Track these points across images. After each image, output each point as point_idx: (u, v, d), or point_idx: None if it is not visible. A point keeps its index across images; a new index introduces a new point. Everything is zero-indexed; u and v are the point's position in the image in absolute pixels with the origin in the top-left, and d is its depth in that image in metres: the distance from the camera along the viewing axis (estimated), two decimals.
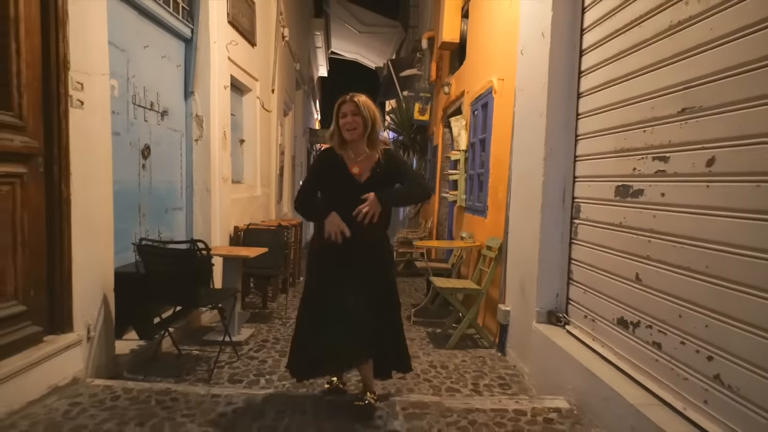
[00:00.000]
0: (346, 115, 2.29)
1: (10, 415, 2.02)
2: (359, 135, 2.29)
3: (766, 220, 1.48)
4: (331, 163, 2.36)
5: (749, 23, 1.56)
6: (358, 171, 2.31)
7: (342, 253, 2.26)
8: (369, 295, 2.26)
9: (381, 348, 2.29)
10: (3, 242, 2.13)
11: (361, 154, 2.33)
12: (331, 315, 2.24)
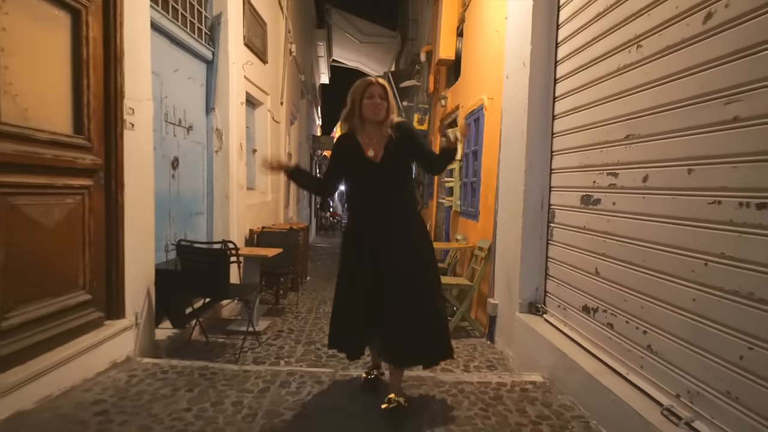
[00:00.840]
0: (373, 96, 2.30)
1: (85, 382, 2.48)
2: (382, 117, 2.32)
3: (681, 224, 1.95)
4: (348, 147, 2.38)
5: (674, 71, 2.03)
6: (373, 153, 2.33)
7: (372, 235, 2.31)
8: (399, 283, 2.25)
9: (408, 337, 2.26)
10: (76, 242, 2.60)
11: (376, 135, 2.35)
12: (359, 302, 2.31)
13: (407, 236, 2.33)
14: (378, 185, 2.32)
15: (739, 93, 1.66)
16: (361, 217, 2.43)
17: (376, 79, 2.35)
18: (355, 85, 2.37)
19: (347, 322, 2.38)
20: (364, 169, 2.33)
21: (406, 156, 2.40)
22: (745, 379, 1.60)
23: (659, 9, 2.11)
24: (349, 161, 2.39)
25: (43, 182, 2.35)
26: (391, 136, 2.33)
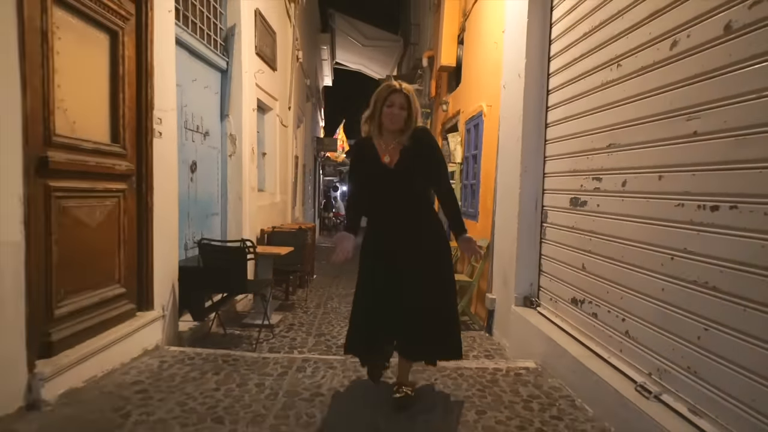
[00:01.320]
0: (393, 105, 2.26)
1: (123, 366, 2.77)
2: (400, 128, 2.30)
3: (653, 224, 2.22)
4: (365, 153, 2.38)
5: (648, 89, 2.30)
6: (389, 160, 2.32)
7: (390, 239, 2.33)
8: (417, 283, 2.30)
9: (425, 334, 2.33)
10: (113, 240, 2.88)
11: (393, 141, 2.33)
12: (378, 301, 2.32)
13: (425, 238, 2.35)
14: (393, 191, 2.32)
15: (698, 111, 1.93)
16: (379, 221, 2.42)
17: (400, 86, 2.29)
18: (380, 88, 2.32)
19: (369, 325, 2.37)
20: (379, 175, 2.33)
21: (420, 162, 2.33)
22: (701, 356, 1.87)
23: (636, 33, 2.38)
24: (366, 167, 2.38)
25: (88, 186, 2.63)
26: (410, 141, 2.31)
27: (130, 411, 2.24)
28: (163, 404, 2.33)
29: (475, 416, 2.33)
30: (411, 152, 2.30)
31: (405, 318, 2.30)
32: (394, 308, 2.30)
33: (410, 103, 2.27)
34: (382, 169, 2.31)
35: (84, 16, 2.58)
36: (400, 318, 2.30)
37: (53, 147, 2.34)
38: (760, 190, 1.63)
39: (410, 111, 2.28)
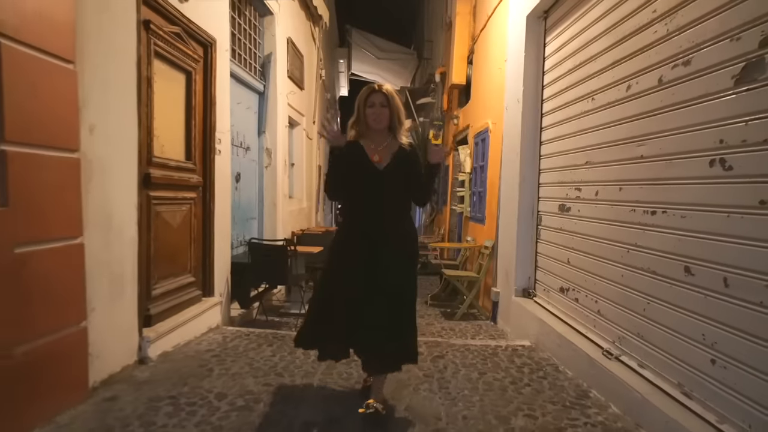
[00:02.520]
0: (374, 105, 2.33)
1: (196, 338, 3.46)
2: (385, 126, 2.36)
3: (615, 225, 2.85)
4: (354, 154, 2.37)
5: (611, 120, 2.93)
6: (378, 159, 2.34)
7: (365, 242, 2.33)
8: (385, 288, 2.28)
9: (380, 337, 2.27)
10: (186, 238, 3.59)
11: (383, 143, 2.38)
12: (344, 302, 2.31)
13: (399, 240, 2.37)
14: (380, 191, 2.33)
15: (644, 140, 2.57)
16: (357, 222, 2.40)
17: (378, 86, 2.37)
18: (360, 93, 2.40)
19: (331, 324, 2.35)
20: (367, 174, 2.33)
21: (406, 171, 2.38)
22: (645, 323, 2.50)
23: (604, 75, 3.03)
24: (352, 165, 2.36)
25: (172, 195, 3.34)
26: (401, 150, 2.37)
27: (212, 367, 2.93)
28: (235, 364, 3.02)
29: (477, 376, 2.97)
30: (400, 161, 2.36)
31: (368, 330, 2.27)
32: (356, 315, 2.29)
33: (389, 100, 2.33)
34: (371, 167, 2.33)
35: (170, 62, 3.31)
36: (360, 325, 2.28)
37: (153, 165, 3.06)
38: (680, 199, 2.27)
39: (391, 108, 2.34)
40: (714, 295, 2.02)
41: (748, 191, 1.84)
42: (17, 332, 1.90)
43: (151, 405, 2.35)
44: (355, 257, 2.33)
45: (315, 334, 2.41)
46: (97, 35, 2.40)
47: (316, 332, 2.41)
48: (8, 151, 1.83)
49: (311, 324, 2.44)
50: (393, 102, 2.36)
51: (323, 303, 2.41)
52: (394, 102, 2.36)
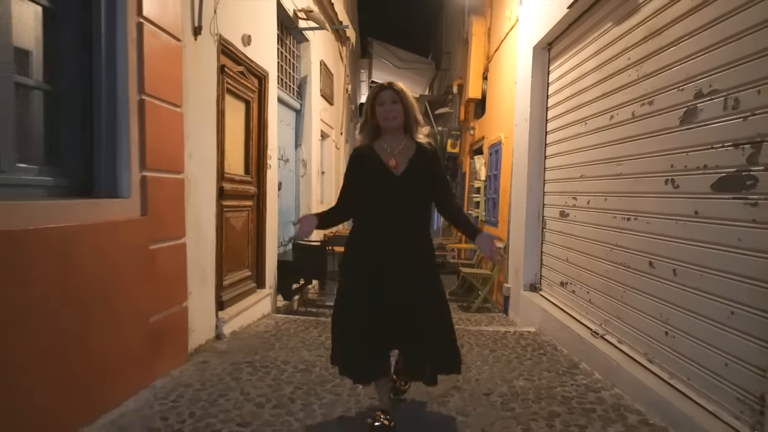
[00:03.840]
0: (384, 103, 2.16)
1: (253, 323, 4.19)
2: (399, 124, 2.19)
3: (601, 228, 3.47)
4: (365, 159, 2.21)
5: (598, 143, 3.55)
6: (394, 164, 2.16)
7: (380, 250, 2.16)
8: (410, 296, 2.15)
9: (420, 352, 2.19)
10: (245, 239, 4.31)
11: (398, 145, 2.21)
12: (367, 315, 2.13)
13: (419, 250, 2.22)
14: (396, 198, 2.16)
15: (622, 160, 3.19)
16: (372, 232, 2.21)
17: (387, 83, 2.22)
18: (368, 93, 2.25)
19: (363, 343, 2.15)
20: (383, 180, 2.16)
21: (426, 177, 2.21)
22: (623, 307, 3.13)
23: (594, 105, 3.65)
24: (367, 172, 2.20)
25: (236, 204, 4.07)
26: (418, 152, 2.21)
27: (273, 343, 3.64)
28: (290, 341, 3.72)
29: (488, 352, 3.62)
30: (418, 164, 2.18)
31: (403, 337, 2.17)
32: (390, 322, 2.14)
33: (401, 96, 2.17)
34: (387, 173, 2.15)
35: (235, 95, 4.04)
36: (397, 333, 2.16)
37: (224, 180, 3.79)
38: (645, 209, 2.89)
39: (404, 104, 2.17)
40: (667, 283, 2.64)
41: (688, 204, 2.47)
42: (152, 305, 2.63)
43: (234, 367, 3.06)
44: (378, 273, 2.15)
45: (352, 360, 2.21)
46: (192, 82, 3.13)
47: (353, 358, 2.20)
48: (148, 176, 2.56)
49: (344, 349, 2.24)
50: (405, 98, 2.18)
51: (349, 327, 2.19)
52: (406, 98, 2.19)
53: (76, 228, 2.09)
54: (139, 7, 2.48)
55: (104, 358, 2.27)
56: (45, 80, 2.19)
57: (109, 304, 2.29)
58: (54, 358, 1.97)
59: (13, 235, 1.78)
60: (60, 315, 2.00)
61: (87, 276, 2.14)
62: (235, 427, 2.22)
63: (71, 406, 2.08)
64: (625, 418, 2.46)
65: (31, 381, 1.87)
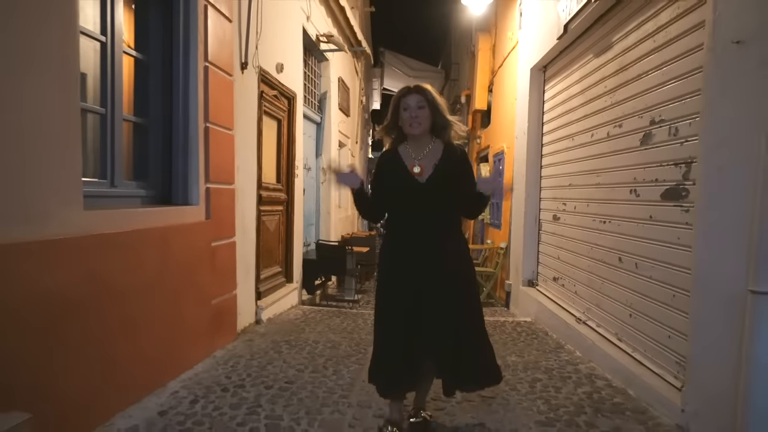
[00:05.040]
0: (409, 108, 2.08)
1: (284, 312, 4.82)
2: (424, 130, 2.10)
3: (584, 229, 4.05)
4: (390, 165, 2.17)
5: (582, 156, 4.14)
6: (419, 171, 2.09)
7: (412, 256, 2.11)
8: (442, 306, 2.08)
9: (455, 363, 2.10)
10: (276, 239, 4.96)
11: (424, 149, 2.14)
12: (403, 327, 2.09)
13: (450, 258, 2.13)
14: (422, 207, 2.11)
15: (600, 172, 3.78)
16: (402, 236, 2.17)
17: (415, 87, 2.14)
18: (394, 95, 2.18)
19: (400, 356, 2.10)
20: (407, 188, 2.11)
21: (452, 180, 2.12)
22: (601, 296, 3.71)
23: (579, 123, 4.23)
24: (391, 179, 2.17)
25: (270, 209, 4.72)
26: (445, 155, 2.13)
27: (304, 327, 4.27)
28: (318, 326, 4.35)
29: None
30: (444, 169, 2.11)
31: (439, 347, 2.10)
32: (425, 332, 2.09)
33: (428, 99, 2.09)
34: (411, 181, 2.11)
35: (270, 115, 4.69)
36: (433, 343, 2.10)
37: (262, 188, 4.44)
38: (617, 213, 3.47)
39: (431, 108, 2.10)
40: (631, 274, 3.22)
41: (645, 210, 3.05)
42: (213, 291, 3.28)
43: (274, 344, 3.69)
44: (407, 285, 2.10)
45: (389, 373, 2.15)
46: (239, 108, 3.77)
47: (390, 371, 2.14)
48: (211, 188, 3.21)
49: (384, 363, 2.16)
50: (433, 101, 2.10)
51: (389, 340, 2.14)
52: (434, 101, 2.11)
53: (167, 228, 2.74)
54: (206, 53, 3.13)
55: (184, 330, 2.92)
56: (138, 115, 2.84)
57: (188, 288, 2.94)
58: (154, 326, 2.62)
59: (126, 234, 2.43)
60: (156, 295, 2.64)
61: (174, 266, 2.79)
62: (283, 384, 2.85)
63: (166, 360, 2.73)
64: (593, 383, 3.05)
65: (143, 339, 2.51)
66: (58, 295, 1.94)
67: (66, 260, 1.99)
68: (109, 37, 2.49)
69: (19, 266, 1.78)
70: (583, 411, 2.59)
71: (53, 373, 1.94)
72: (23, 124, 1.81)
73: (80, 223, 2.07)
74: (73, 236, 2.01)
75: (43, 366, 1.89)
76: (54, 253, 1.92)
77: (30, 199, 1.84)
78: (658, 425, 2.43)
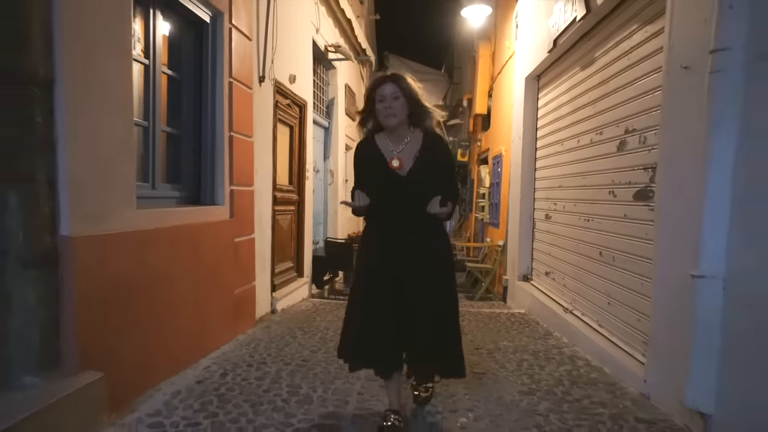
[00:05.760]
0: (384, 99, 2.03)
1: (296, 303, 5.23)
2: (400, 121, 2.07)
3: (572, 227, 4.43)
4: (369, 156, 2.15)
5: (570, 160, 4.51)
6: (398, 164, 2.07)
7: (393, 247, 2.12)
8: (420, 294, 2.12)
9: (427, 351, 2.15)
10: (289, 237, 5.36)
11: (402, 140, 2.11)
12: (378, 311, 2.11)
13: (430, 247, 2.16)
14: (403, 200, 2.10)
15: (585, 175, 4.15)
16: (381, 227, 2.19)
17: (389, 74, 2.11)
18: (368, 85, 2.15)
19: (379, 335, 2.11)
20: (387, 182, 2.10)
21: (431, 172, 2.12)
22: (585, 288, 4.08)
23: (567, 130, 4.61)
24: (371, 172, 2.14)
25: (283, 209, 5.12)
26: (425, 144, 2.11)
27: (314, 316, 4.67)
28: (327, 316, 4.74)
29: (482, 324, 4.60)
30: (425, 159, 2.10)
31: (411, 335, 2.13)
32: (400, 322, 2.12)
33: (403, 87, 2.04)
34: (391, 175, 2.09)
35: (284, 123, 5.10)
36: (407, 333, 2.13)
37: (276, 190, 4.84)
38: (598, 212, 3.84)
39: (408, 96, 2.05)
40: (610, 267, 3.60)
41: (621, 209, 3.43)
42: (236, 282, 3.68)
43: (289, 330, 4.09)
44: (387, 274, 2.12)
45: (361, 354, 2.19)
46: (258, 117, 4.17)
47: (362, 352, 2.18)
48: (234, 189, 3.62)
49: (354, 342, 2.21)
50: (408, 89, 2.06)
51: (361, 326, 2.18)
52: (409, 89, 2.06)
53: (198, 225, 3.14)
54: (230, 70, 3.54)
55: (213, 315, 3.33)
56: (172, 126, 3.25)
57: (215, 278, 3.35)
58: (189, 310, 3.02)
59: (166, 230, 2.83)
60: (190, 283, 3.05)
61: (204, 258, 3.19)
62: (300, 361, 3.25)
63: (199, 340, 3.14)
64: (574, 362, 3.43)
65: (181, 320, 2.91)
66: (121, 278, 2.35)
67: (125, 250, 2.39)
68: (151, 59, 2.90)
69: (96, 254, 2.19)
70: (561, 384, 2.98)
71: (119, 341, 2.35)
72: (98, 139, 2.21)
73: (134, 220, 2.47)
74: (129, 231, 2.42)
75: (110, 335, 2.30)
76: (117, 244, 2.33)
77: (101, 201, 2.24)
78: (624, 394, 2.81)
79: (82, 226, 2.11)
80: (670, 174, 2.61)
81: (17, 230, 1.91)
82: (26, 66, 1.88)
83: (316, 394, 2.70)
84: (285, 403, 2.57)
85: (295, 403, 2.57)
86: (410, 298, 2.13)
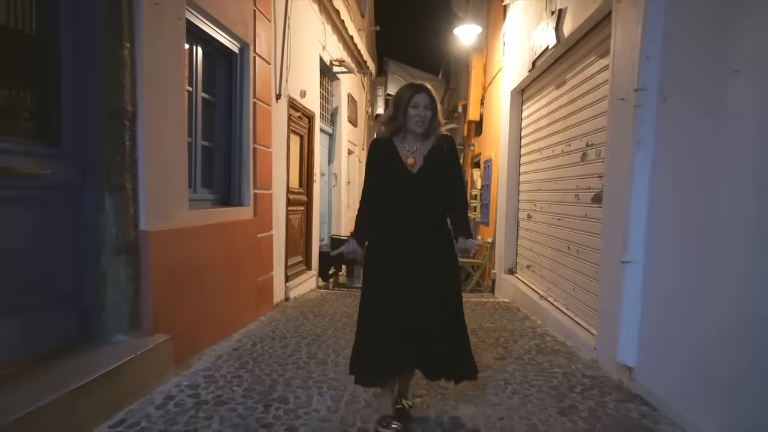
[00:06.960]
0: (418, 106, 2.17)
1: (305, 293, 5.89)
2: (425, 130, 2.22)
3: (552, 225, 5.09)
4: (385, 155, 2.26)
5: (550, 166, 5.17)
6: (412, 162, 2.21)
7: (401, 248, 2.19)
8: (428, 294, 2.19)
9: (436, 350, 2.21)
10: (299, 234, 6.02)
11: (416, 145, 2.25)
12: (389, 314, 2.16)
13: (437, 247, 2.25)
14: (413, 196, 2.22)
15: (558, 180, 4.81)
16: (392, 225, 2.25)
17: (423, 85, 2.23)
18: (402, 89, 2.25)
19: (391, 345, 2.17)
20: (400, 178, 2.21)
21: (440, 171, 2.25)
22: (559, 277, 4.74)
23: (544, 140, 5.26)
24: (386, 170, 2.25)
25: (295, 209, 5.78)
26: (435, 147, 2.25)
27: (323, 303, 5.32)
28: (335, 303, 5.40)
29: (469, 310, 5.24)
30: (433, 160, 2.23)
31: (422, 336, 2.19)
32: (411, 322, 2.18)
33: (433, 102, 2.21)
34: (405, 172, 2.21)
35: (295, 133, 5.76)
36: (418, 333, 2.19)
37: (289, 192, 5.50)
38: (567, 212, 4.50)
39: (434, 111, 2.22)
40: (575, 258, 4.26)
41: (583, 210, 4.09)
42: (258, 271, 4.34)
43: (302, 313, 4.74)
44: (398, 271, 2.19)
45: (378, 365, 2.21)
46: (274, 130, 4.83)
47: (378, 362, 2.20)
48: (257, 193, 4.27)
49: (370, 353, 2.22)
50: (436, 104, 2.24)
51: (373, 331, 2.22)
52: (436, 104, 2.25)
53: (230, 223, 3.80)
54: (254, 92, 4.20)
55: (241, 298, 3.98)
56: (208, 140, 3.90)
57: (244, 267, 4.00)
58: (225, 293, 3.67)
59: (207, 227, 3.48)
60: (225, 271, 3.70)
61: (235, 251, 3.85)
62: (314, 336, 3.90)
63: (230, 319, 3.80)
64: (544, 339, 4.09)
65: (219, 301, 3.57)
66: (179, 264, 3.01)
67: (182, 242, 3.05)
68: (194, 87, 3.56)
69: (164, 244, 2.84)
70: (529, 353, 3.64)
71: (178, 313, 3.01)
72: (164, 156, 2.87)
73: (187, 219, 3.13)
74: (184, 227, 3.08)
75: (173, 308, 2.95)
76: (177, 237, 2.99)
77: (166, 204, 2.90)
78: (578, 359, 3.47)
79: (155, 223, 2.77)
80: (611, 181, 3.27)
81: (111, 226, 2.57)
82: (120, 104, 2.53)
83: (330, 359, 3.36)
84: (306, 364, 3.23)
85: (314, 365, 3.23)
86: (421, 298, 2.19)
